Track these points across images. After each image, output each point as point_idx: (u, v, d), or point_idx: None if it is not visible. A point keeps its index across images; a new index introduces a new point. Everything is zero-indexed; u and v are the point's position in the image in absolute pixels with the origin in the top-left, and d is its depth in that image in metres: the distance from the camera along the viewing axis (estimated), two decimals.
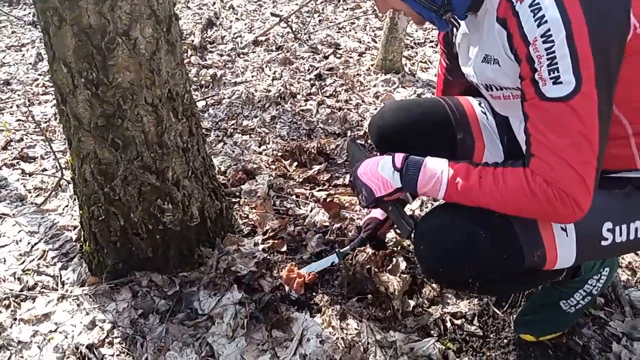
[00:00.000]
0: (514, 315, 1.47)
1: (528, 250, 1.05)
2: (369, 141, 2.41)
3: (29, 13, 4.75)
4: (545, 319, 1.36)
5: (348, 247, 1.63)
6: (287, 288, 1.56)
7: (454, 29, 1.32)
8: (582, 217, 0.97)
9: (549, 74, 0.92)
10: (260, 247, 1.72)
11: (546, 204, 0.96)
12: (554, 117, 0.94)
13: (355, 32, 3.84)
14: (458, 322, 1.47)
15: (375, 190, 1.21)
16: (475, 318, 1.48)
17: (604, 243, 1.08)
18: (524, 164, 1.00)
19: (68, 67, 1.28)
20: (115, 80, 1.29)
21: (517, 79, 1.02)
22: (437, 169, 1.11)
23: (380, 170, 1.20)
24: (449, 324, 1.46)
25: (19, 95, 3.19)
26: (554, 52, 0.91)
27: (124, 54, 1.27)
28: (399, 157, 1.18)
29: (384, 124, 1.48)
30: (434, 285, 1.54)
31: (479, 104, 1.46)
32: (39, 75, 3.48)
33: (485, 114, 1.44)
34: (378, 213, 1.67)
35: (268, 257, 1.67)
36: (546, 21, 0.91)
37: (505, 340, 1.43)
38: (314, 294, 1.54)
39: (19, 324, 1.49)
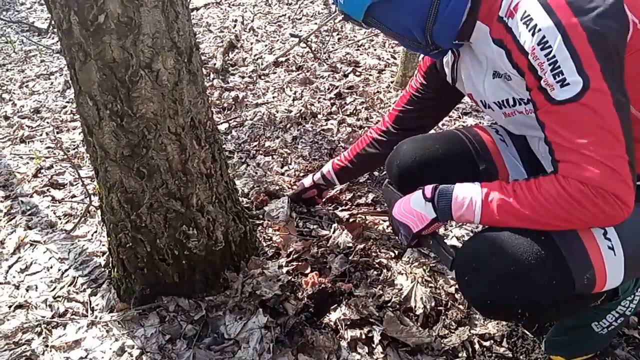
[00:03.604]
0: (544, 336, 1.44)
1: (578, 273, 1.00)
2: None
3: (57, 42, 4.91)
4: (576, 341, 1.33)
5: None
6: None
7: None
8: (630, 212, 0.94)
9: (555, 78, 0.93)
10: (285, 269, 1.72)
11: (589, 205, 0.93)
12: (570, 119, 0.94)
13: (374, 49, 3.87)
14: (486, 343, 1.44)
15: (412, 226, 1.20)
16: (504, 339, 1.46)
17: None
18: (553, 173, 0.99)
19: (94, 100, 1.32)
20: (140, 112, 1.33)
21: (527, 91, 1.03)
22: (469, 190, 1.10)
23: (413, 205, 1.20)
24: (477, 346, 1.43)
25: (48, 122, 3.29)
26: (554, 56, 0.92)
27: (147, 85, 1.30)
28: (429, 188, 1.19)
29: (402, 163, 1.46)
30: (460, 306, 1.53)
31: (496, 132, 1.45)
32: (67, 102, 3.58)
33: (504, 141, 1.43)
34: (306, 181, 1.98)
35: (292, 279, 1.68)
36: (540, 29, 0.94)
37: None
38: (340, 315, 1.54)
39: (50, 350, 1.52)
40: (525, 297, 1.03)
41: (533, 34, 0.95)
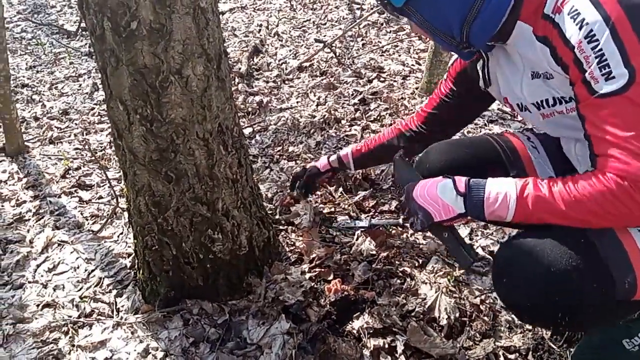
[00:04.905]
0: (571, 350, 1.41)
1: (619, 277, 0.98)
2: (415, 158, 2.41)
3: (86, 44, 5.01)
4: (605, 358, 1.30)
5: None
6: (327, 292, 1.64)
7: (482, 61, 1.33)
8: None
9: (600, 71, 0.92)
10: (307, 275, 1.72)
11: (627, 201, 0.92)
12: (613, 112, 0.92)
13: (399, 55, 3.85)
14: (512, 356, 1.42)
15: (434, 214, 1.16)
16: (530, 353, 1.43)
17: None
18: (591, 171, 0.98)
19: (124, 105, 1.34)
20: (169, 117, 1.34)
21: (569, 88, 1.02)
22: (503, 185, 1.08)
23: (440, 194, 1.16)
24: (502, 359, 1.41)
25: (76, 124, 3.35)
26: (601, 49, 0.91)
27: (176, 91, 1.32)
28: (461, 180, 1.14)
29: (432, 165, 1.46)
30: (485, 318, 1.51)
31: (528, 139, 1.44)
32: (95, 104, 3.65)
33: (535, 148, 1.41)
34: (319, 164, 1.96)
35: (315, 286, 1.68)
36: (587, 23, 0.93)
37: None
38: (362, 323, 1.53)
39: (76, 350, 1.54)
40: (566, 300, 1.01)
41: (580, 28, 0.94)
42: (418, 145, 1.67)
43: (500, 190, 1.07)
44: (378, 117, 2.95)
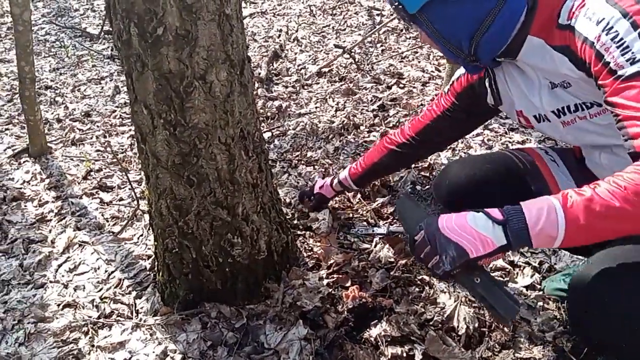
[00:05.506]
0: None
1: None
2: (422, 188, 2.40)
3: (108, 47, 5.08)
4: None
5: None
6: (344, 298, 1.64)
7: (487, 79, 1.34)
8: None
9: (624, 56, 0.92)
10: (325, 281, 1.72)
11: None
12: None
13: (419, 62, 3.84)
14: None
15: (469, 249, 0.95)
16: None
17: None
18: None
19: (148, 109, 1.36)
20: (192, 122, 1.36)
21: (593, 89, 1.01)
22: (540, 201, 0.94)
23: (472, 224, 0.96)
24: None
25: (98, 126, 3.40)
26: (622, 38, 0.92)
27: (200, 96, 1.33)
28: (494, 209, 0.98)
29: (452, 183, 1.45)
30: (504, 329, 1.49)
31: (546, 153, 1.42)
32: (116, 107, 3.70)
33: (554, 161, 1.40)
34: (325, 191, 2.00)
35: (332, 292, 1.67)
36: (604, 19, 0.95)
37: None
38: (380, 331, 1.53)
39: (96, 351, 1.56)
40: None
41: (598, 24, 0.95)
42: (410, 153, 1.70)
43: (541, 206, 0.92)
44: (397, 124, 2.94)
